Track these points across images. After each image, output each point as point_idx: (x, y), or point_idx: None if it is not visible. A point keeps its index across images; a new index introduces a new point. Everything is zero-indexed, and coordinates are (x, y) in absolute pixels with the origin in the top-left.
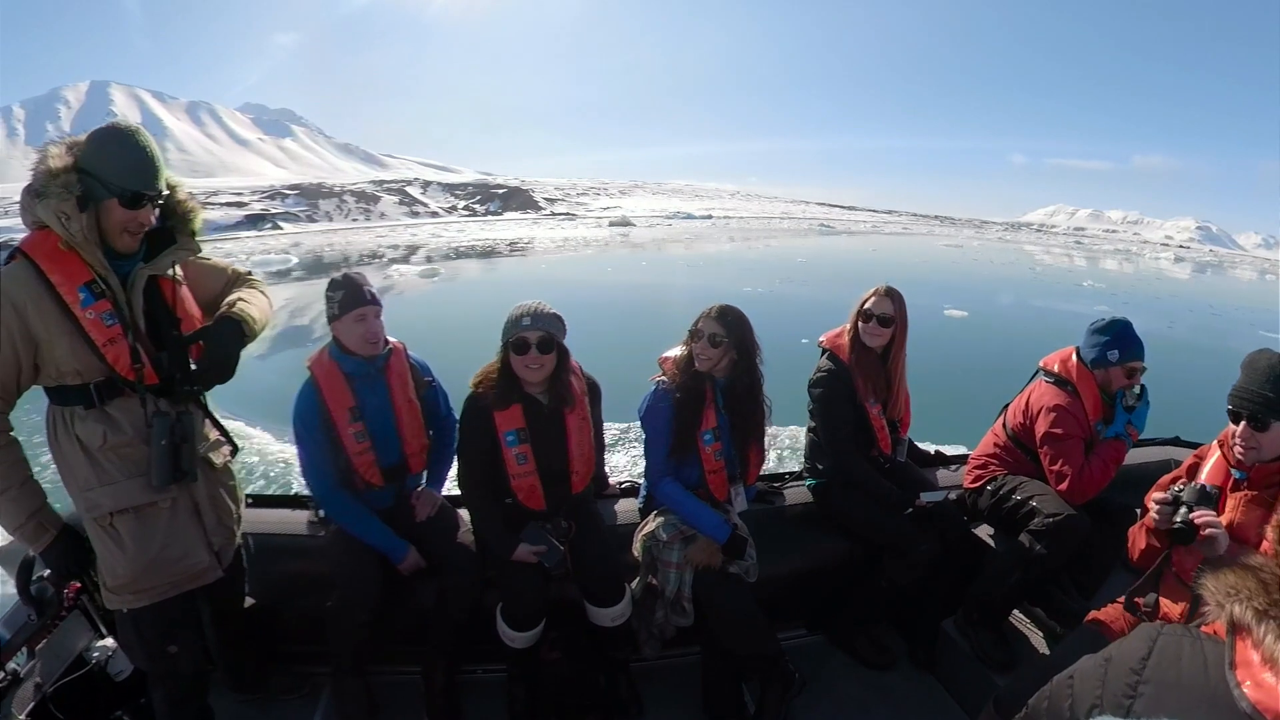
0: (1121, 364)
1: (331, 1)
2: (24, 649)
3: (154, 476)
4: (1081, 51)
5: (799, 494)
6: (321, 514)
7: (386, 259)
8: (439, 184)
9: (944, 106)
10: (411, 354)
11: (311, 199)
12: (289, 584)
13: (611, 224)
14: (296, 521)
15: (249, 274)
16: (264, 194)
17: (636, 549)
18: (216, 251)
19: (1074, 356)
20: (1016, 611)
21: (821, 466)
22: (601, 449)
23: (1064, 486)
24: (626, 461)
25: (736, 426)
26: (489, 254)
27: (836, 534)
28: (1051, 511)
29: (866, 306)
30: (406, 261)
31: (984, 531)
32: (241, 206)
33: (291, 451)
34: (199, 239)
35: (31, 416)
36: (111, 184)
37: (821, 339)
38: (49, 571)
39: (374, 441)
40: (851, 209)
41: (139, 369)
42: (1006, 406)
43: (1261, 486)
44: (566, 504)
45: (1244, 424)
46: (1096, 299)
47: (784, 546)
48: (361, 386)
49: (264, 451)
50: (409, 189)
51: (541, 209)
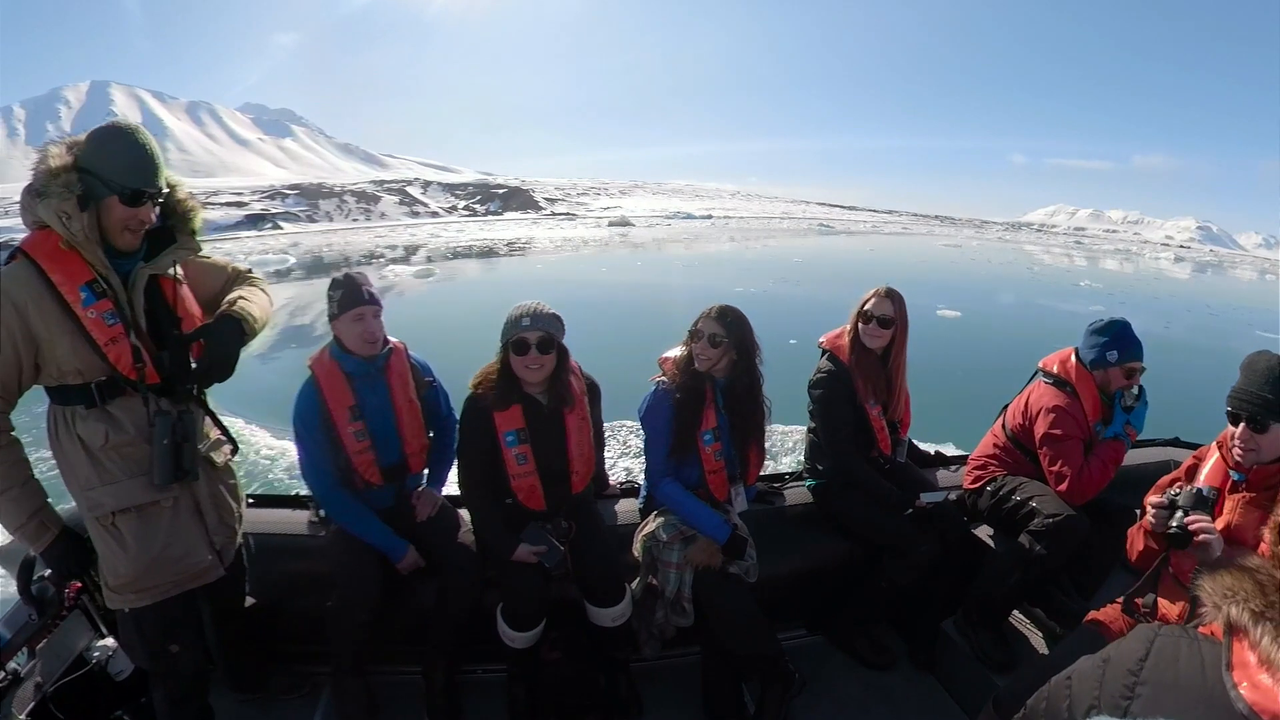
0: (1120, 364)
1: (331, 1)
2: (24, 649)
3: (156, 475)
4: (1081, 51)
5: (799, 494)
6: (322, 514)
7: (386, 259)
8: (439, 184)
9: (944, 106)
10: (413, 354)
11: (312, 199)
12: (289, 584)
13: (610, 224)
14: (297, 521)
15: (249, 272)
16: (264, 194)
17: (637, 549)
18: (216, 251)
19: (1073, 357)
20: (1016, 612)
21: (821, 467)
22: (601, 449)
23: (1063, 487)
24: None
25: (736, 426)
26: (487, 254)
27: (836, 534)
28: (1051, 512)
29: (866, 308)
30: (406, 262)
31: (984, 532)
32: (242, 206)
33: (283, 448)
34: (199, 238)
35: (25, 420)
36: (112, 182)
37: (821, 340)
38: (50, 571)
39: (374, 441)
40: (852, 209)
41: (140, 368)
42: (1006, 407)
43: (1260, 488)
44: (566, 504)
45: (1243, 426)
46: (1093, 299)
47: (784, 547)
48: (362, 386)
49: (257, 447)
50: (409, 189)
51: (542, 209)
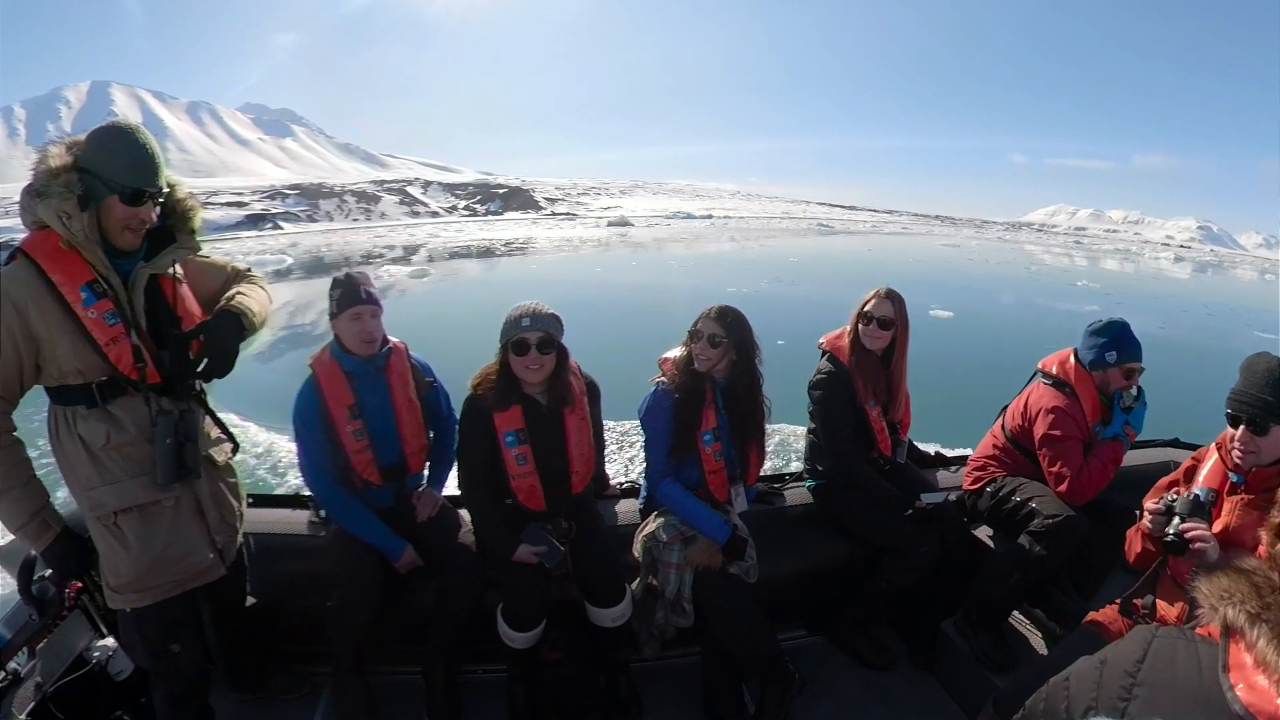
0: (1119, 365)
1: (331, 1)
2: (24, 649)
3: (159, 475)
4: (1081, 52)
5: (799, 495)
6: (322, 514)
7: (385, 259)
8: (440, 184)
9: (944, 106)
10: (414, 354)
11: (312, 199)
12: (289, 584)
13: (609, 224)
14: (297, 521)
15: (248, 270)
16: (264, 194)
17: (637, 549)
18: (216, 251)
19: (1072, 358)
20: (1016, 612)
21: (821, 468)
22: (601, 449)
23: (1063, 488)
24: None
25: (736, 427)
26: (486, 254)
27: (836, 535)
28: (1051, 513)
29: (866, 309)
30: (407, 262)
31: (983, 533)
32: (242, 206)
33: (269, 441)
34: (198, 237)
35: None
36: (112, 181)
37: (821, 340)
38: (50, 571)
39: (373, 440)
40: (852, 209)
41: (141, 368)
42: (1005, 408)
43: (1258, 490)
44: (566, 504)
45: (1243, 428)
46: (1090, 299)
47: (784, 547)
48: (361, 385)
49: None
50: (410, 189)
51: (542, 209)
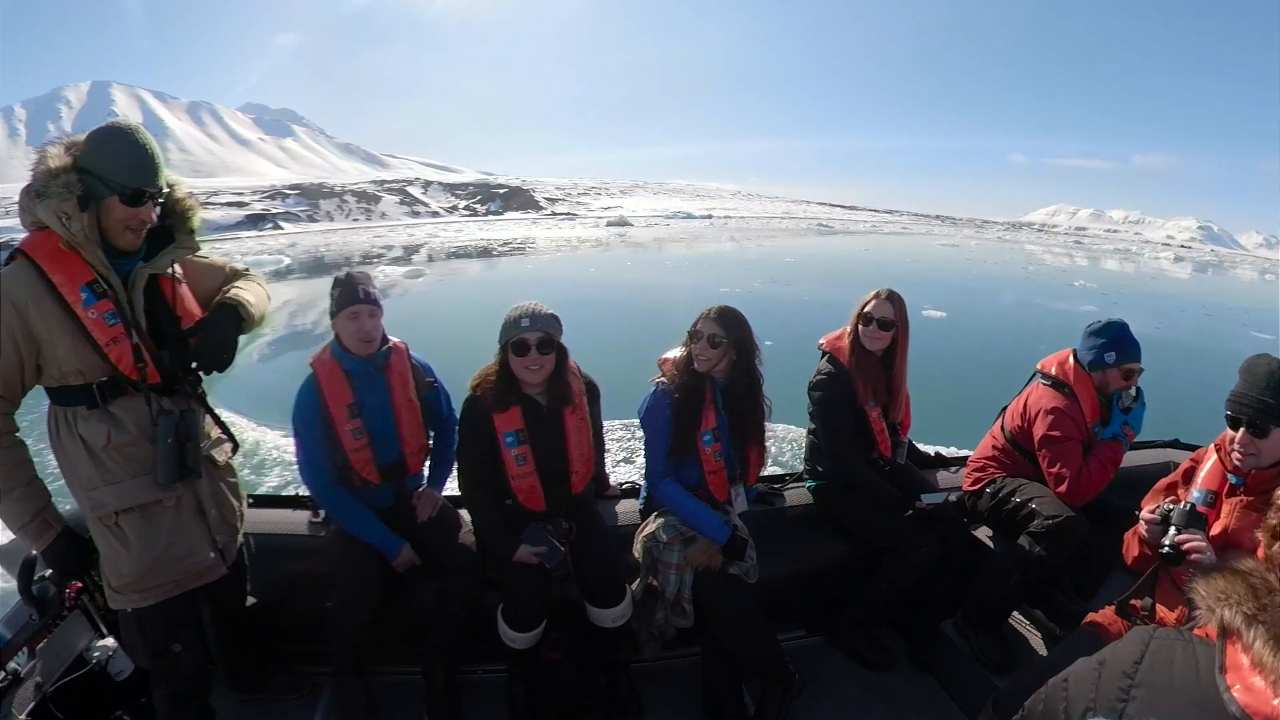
0: (1118, 366)
1: (331, 1)
2: (25, 649)
3: (160, 474)
4: (1082, 52)
5: (799, 495)
6: (322, 514)
7: (385, 259)
8: (440, 184)
9: (944, 106)
10: (414, 354)
11: (312, 199)
12: (289, 584)
13: (609, 224)
14: (297, 521)
15: (246, 270)
16: (265, 194)
17: (637, 550)
18: (215, 251)
19: (1071, 359)
20: (1016, 613)
21: (822, 469)
22: (601, 449)
23: (1063, 489)
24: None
25: (736, 427)
26: (485, 254)
27: (836, 536)
28: (1050, 513)
29: (866, 310)
30: (408, 261)
31: (983, 533)
32: (242, 206)
33: (258, 437)
34: (197, 237)
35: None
36: (112, 182)
37: (821, 341)
38: (50, 571)
39: (372, 439)
40: (853, 209)
41: (142, 368)
42: (1004, 409)
43: (1257, 492)
44: (566, 504)
45: (1243, 430)
46: (1087, 299)
47: (784, 548)
48: (361, 384)
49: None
50: (410, 189)
51: (542, 209)
